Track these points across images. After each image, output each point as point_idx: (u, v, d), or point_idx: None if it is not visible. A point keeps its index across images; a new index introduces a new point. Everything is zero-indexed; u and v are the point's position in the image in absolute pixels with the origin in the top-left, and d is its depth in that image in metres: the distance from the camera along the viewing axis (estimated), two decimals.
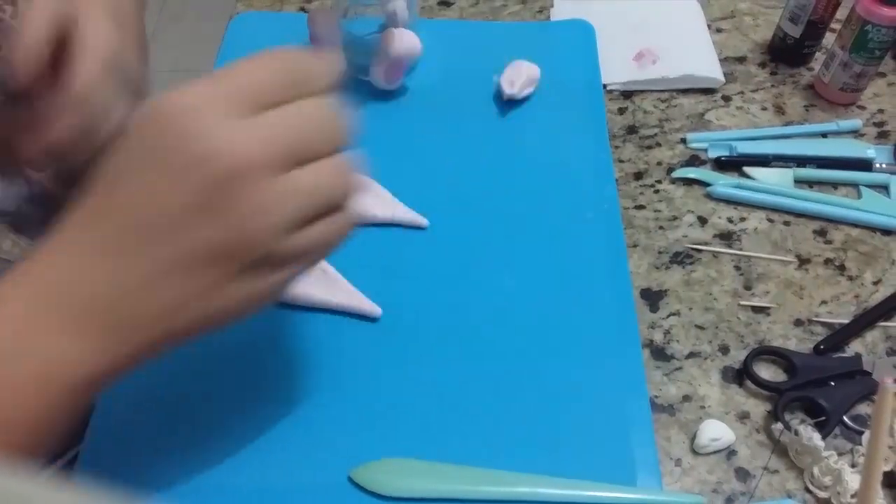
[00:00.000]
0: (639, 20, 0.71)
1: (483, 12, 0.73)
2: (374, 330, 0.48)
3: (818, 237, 0.56)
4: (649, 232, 0.56)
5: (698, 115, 0.65)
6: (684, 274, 0.54)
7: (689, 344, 0.50)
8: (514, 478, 0.42)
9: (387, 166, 0.56)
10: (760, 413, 0.47)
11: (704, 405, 0.47)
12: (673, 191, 0.59)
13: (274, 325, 0.48)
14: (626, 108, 0.65)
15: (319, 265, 0.49)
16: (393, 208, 0.53)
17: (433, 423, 0.44)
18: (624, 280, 0.51)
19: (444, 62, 0.64)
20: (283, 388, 0.45)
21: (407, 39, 0.58)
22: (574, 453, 0.43)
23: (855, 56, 0.62)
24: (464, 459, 0.42)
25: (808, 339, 0.50)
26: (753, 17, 0.74)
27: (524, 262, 0.51)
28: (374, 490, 0.41)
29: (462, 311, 0.49)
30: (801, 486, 0.44)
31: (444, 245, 0.52)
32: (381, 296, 0.49)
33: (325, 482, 0.42)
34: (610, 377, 0.46)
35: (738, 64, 0.69)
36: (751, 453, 0.45)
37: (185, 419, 0.44)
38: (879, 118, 0.65)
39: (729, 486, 0.44)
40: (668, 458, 0.45)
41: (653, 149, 0.62)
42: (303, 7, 0.73)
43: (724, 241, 0.56)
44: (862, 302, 0.52)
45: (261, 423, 0.44)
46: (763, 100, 0.66)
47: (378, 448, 0.43)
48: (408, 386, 0.45)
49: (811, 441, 0.43)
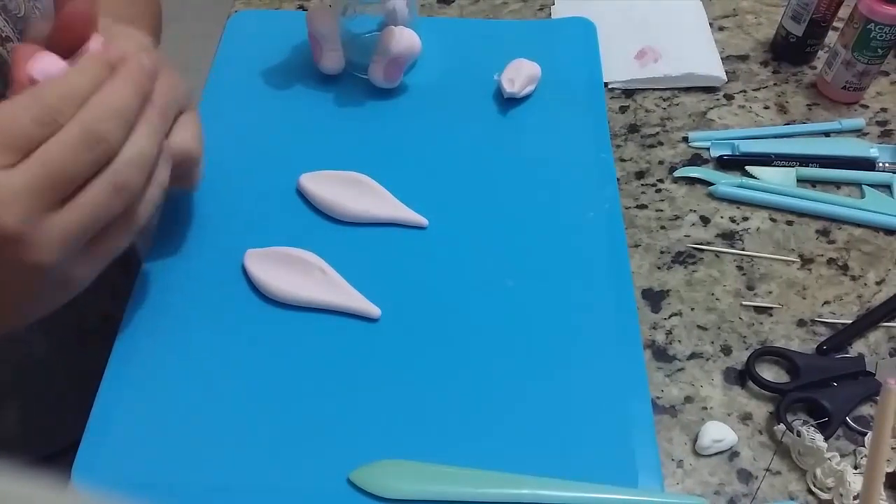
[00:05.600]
0: (640, 18, 0.71)
1: (483, 10, 0.72)
2: (374, 330, 0.48)
3: (821, 237, 0.56)
4: (651, 231, 0.56)
5: (700, 113, 0.64)
6: (686, 274, 0.53)
7: (691, 344, 0.50)
8: (515, 479, 0.41)
9: (386, 166, 0.55)
10: (763, 414, 0.47)
11: (706, 406, 0.47)
12: (675, 190, 0.59)
13: (273, 325, 0.48)
14: (627, 107, 0.65)
15: (318, 265, 0.49)
16: (393, 208, 0.53)
17: (433, 425, 0.44)
18: (625, 280, 0.50)
19: (444, 61, 0.64)
20: (281, 388, 0.45)
21: (406, 38, 0.57)
22: (575, 455, 0.43)
23: (858, 55, 0.62)
24: (464, 461, 0.42)
25: (810, 339, 0.50)
26: (755, 16, 0.73)
27: (524, 262, 0.51)
28: (374, 492, 0.41)
29: (462, 311, 0.49)
30: (803, 487, 0.44)
31: (444, 245, 0.52)
32: (381, 296, 0.48)
33: (323, 484, 0.41)
34: (611, 378, 0.46)
35: (741, 62, 0.69)
36: (753, 455, 0.45)
37: (183, 420, 0.43)
38: (882, 117, 0.64)
39: (731, 488, 0.44)
40: (670, 460, 0.45)
41: (654, 148, 0.62)
42: (302, 5, 0.73)
43: (727, 241, 0.56)
44: (865, 302, 0.52)
45: (259, 424, 0.43)
46: (765, 98, 0.66)
47: (377, 450, 0.42)
48: (407, 387, 0.45)
49: (814, 442, 0.43)
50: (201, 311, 0.48)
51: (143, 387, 0.45)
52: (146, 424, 0.43)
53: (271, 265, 0.49)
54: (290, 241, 0.51)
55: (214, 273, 0.50)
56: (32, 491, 0.16)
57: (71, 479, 0.41)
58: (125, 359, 0.46)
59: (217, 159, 0.56)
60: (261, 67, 0.63)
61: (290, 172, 0.55)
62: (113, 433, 0.43)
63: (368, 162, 0.55)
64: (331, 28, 0.58)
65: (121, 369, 0.45)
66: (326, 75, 0.62)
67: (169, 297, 0.49)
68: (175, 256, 0.51)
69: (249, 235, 0.51)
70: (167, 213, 0.53)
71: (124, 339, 0.47)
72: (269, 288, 0.48)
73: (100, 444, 0.42)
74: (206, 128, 0.47)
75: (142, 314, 0.48)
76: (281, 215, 0.53)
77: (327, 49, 0.59)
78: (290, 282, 0.48)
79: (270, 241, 0.51)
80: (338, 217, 0.53)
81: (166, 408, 0.44)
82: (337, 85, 0.62)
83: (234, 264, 0.50)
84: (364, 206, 0.53)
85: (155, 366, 0.46)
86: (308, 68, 0.62)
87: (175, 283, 0.49)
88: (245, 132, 0.58)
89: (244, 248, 0.50)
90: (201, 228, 0.52)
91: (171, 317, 0.48)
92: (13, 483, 0.16)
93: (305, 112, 0.60)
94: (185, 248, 0.51)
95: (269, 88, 0.61)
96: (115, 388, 0.45)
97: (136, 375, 0.45)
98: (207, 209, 0.53)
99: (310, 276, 0.49)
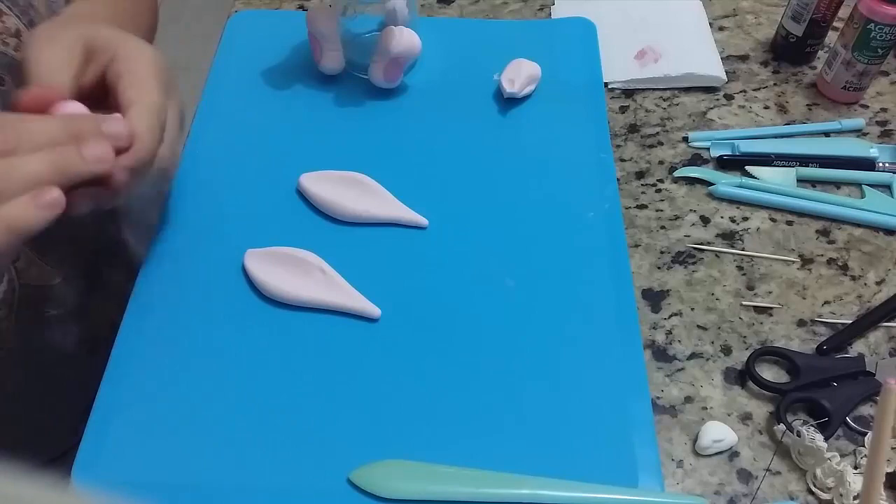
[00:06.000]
0: (640, 18, 0.71)
1: (483, 10, 0.72)
2: (374, 330, 0.48)
3: (821, 237, 0.56)
4: (651, 231, 0.56)
5: (700, 113, 0.64)
6: (686, 274, 0.53)
7: (691, 344, 0.50)
8: (515, 479, 0.41)
9: (386, 166, 0.55)
10: (763, 414, 0.47)
11: (706, 406, 0.47)
12: (675, 190, 0.59)
13: (273, 325, 0.48)
14: (627, 107, 0.65)
15: (319, 266, 0.49)
16: (393, 208, 0.53)
17: (433, 425, 0.44)
18: (625, 280, 0.50)
19: (444, 61, 0.64)
20: (282, 388, 0.45)
21: (407, 38, 0.57)
22: (575, 455, 0.43)
23: (858, 55, 0.62)
24: (464, 461, 0.42)
25: (810, 339, 0.50)
26: (755, 16, 0.73)
27: (525, 262, 0.51)
28: (374, 492, 0.41)
29: (462, 311, 0.49)
30: (803, 487, 0.44)
31: (444, 245, 0.52)
32: (381, 296, 0.48)
33: (323, 484, 0.41)
34: (611, 378, 0.46)
35: (741, 62, 0.69)
36: (753, 455, 0.45)
37: (183, 420, 0.43)
38: (882, 117, 0.64)
39: (731, 488, 0.44)
40: (670, 460, 0.45)
41: (654, 148, 0.62)
42: (302, 5, 0.73)
43: (727, 241, 0.56)
44: (865, 302, 0.52)
45: (259, 424, 0.43)
46: (765, 98, 0.66)
47: (377, 450, 0.42)
48: (408, 387, 0.45)
49: (814, 442, 0.43)
50: (201, 311, 0.48)
51: (143, 387, 0.45)
52: (146, 424, 0.43)
53: (271, 265, 0.49)
54: (290, 241, 0.51)
55: (214, 273, 0.50)
56: (33, 492, 0.16)
57: (71, 479, 0.41)
58: (125, 359, 0.46)
59: (217, 159, 0.57)
60: (261, 67, 0.63)
61: (290, 172, 0.55)
62: (113, 433, 0.43)
63: (368, 162, 0.55)
64: (331, 28, 0.58)
65: (121, 369, 0.45)
66: (326, 75, 0.62)
67: (169, 297, 0.49)
68: (175, 256, 0.51)
69: (249, 235, 0.51)
70: (167, 214, 0.53)
71: (124, 339, 0.47)
72: (269, 288, 0.48)
73: (100, 444, 0.42)
74: (206, 128, 0.47)
75: (142, 314, 0.48)
76: (281, 215, 0.53)
77: (327, 49, 0.59)
78: (290, 282, 0.48)
79: (270, 241, 0.51)
80: (338, 217, 0.53)
81: (166, 408, 0.44)
82: (337, 85, 0.62)
83: (234, 264, 0.50)
84: (364, 206, 0.53)
85: (155, 366, 0.46)
86: (308, 68, 0.62)
87: (175, 283, 0.49)
88: (245, 132, 0.58)
89: (244, 248, 0.50)
90: (201, 228, 0.52)
91: (171, 317, 0.48)
92: (13, 484, 0.16)
93: (305, 112, 0.60)
94: (185, 248, 0.51)
95: (269, 88, 0.61)
96: (116, 389, 0.45)
97: (136, 375, 0.45)
98: (207, 209, 0.53)
99: (310, 276, 0.49)
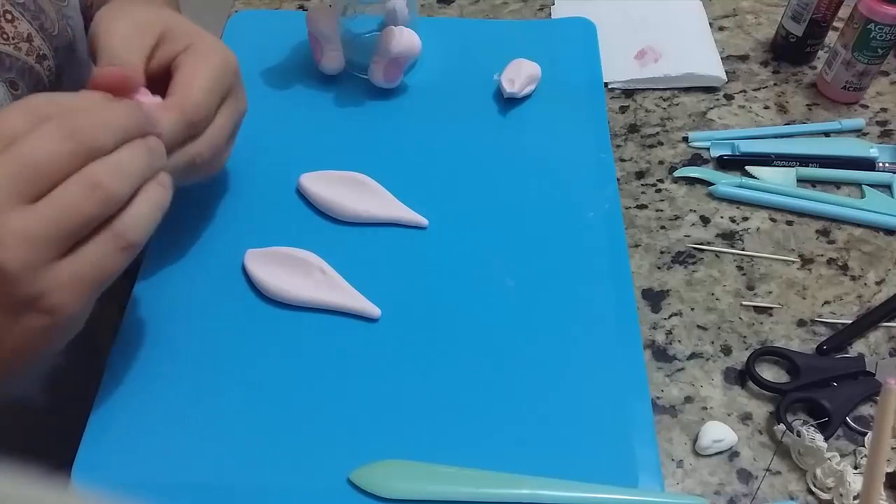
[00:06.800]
0: (640, 18, 0.71)
1: (483, 10, 0.72)
2: (374, 330, 0.48)
3: (821, 237, 0.56)
4: (651, 231, 0.56)
5: (700, 113, 0.64)
6: (686, 274, 0.53)
7: (690, 344, 0.50)
8: (515, 479, 0.41)
9: (386, 166, 0.55)
10: (763, 414, 0.47)
11: (706, 406, 0.47)
12: (675, 190, 0.59)
13: (273, 325, 0.48)
14: (627, 107, 0.65)
15: (319, 266, 0.49)
16: (393, 208, 0.53)
17: (433, 425, 0.44)
18: (625, 280, 0.50)
19: (444, 61, 0.64)
20: (281, 388, 0.45)
21: (406, 38, 0.57)
22: (575, 455, 0.43)
23: (858, 55, 0.62)
24: (464, 461, 0.42)
25: (810, 339, 0.50)
26: (755, 16, 0.73)
27: (524, 262, 0.51)
28: (374, 492, 0.41)
29: (462, 311, 0.48)
30: (803, 487, 0.44)
31: (444, 245, 0.52)
32: (381, 296, 0.48)
33: (323, 484, 0.41)
34: (611, 378, 0.46)
35: (741, 62, 0.69)
36: (753, 455, 0.45)
37: (183, 420, 0.43)
38: (882, 117, 0.64)
39: (731, 488, 0.44)
40: (670, 460, 0.45)
41: (654, 148, 0.62)
42: (302, 5, 0.73)
43: (727, 241, 0.56)
44: (865, 302, 0.52)
45: (259, 424, 0.43)
46: (765, 98, 0.66)
47: (377, 450, 0.42)
48: (407, 387, 0.45)
49: (814, 442, 0.43)
50: (201, 311, 0.48)
51: (142, 387, 0.45)
52: (146, 425, 0.43)
53: (271, 265, 0.49)
54: (290, 241, 0.51)
55: (214, 273, 0.50)
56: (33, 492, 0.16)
57: (71, 479, 0.41)
58: (125, 359, 0.46)
59: None
60: (261, 67, 0.63)
61: (290, 172, 0.55)
62: (113, 433, 0.43)
63: (368, 162, 0.55)
64: (331, 28, 0.58)
65: (121, 369, 0.45)
66: (326, 75, 0.62)
67: (169, 297, 0.49)
68: (175, 256, 0.51)
69: (249, 235, 0.51)
70: (167, 213, 0.53)
71: (124, 339, 0.47)
72: (269, 288, 0.48)
73: (100, 444, 0.42)
74: None
75: (141, 314, 0.48)
76: (281, 215, 0.53)
77: (327, 49, 0.59)
78: (290, 282, 0.48)
79: (270, 241, 0.51)
80: (338, 217, 0.53)
81: (166, 408, 0.44)
82: (337, 85, 0.62)
83: (234, 264, 0.50)
84: (364, 206, 0.53)
85: (155, 366, 0.46)
86: (308, 68, 0.62)
87: (175, 283, 0.49)
88: (245, 132, 0.58)
89: (244, 248, 0.50)
90: (201, 228, 0.52)
91: (171, 317, 0.48)
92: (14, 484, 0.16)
93: (305, 112, 0.60)
94: (185, 248, 0.51)
95: (269, 88, 0.61)
96: (115, 389, 0.45)
97: (135, 375, 0.45)
98: (207, 209, 0.53)
99: (310, 276, 0.49)
